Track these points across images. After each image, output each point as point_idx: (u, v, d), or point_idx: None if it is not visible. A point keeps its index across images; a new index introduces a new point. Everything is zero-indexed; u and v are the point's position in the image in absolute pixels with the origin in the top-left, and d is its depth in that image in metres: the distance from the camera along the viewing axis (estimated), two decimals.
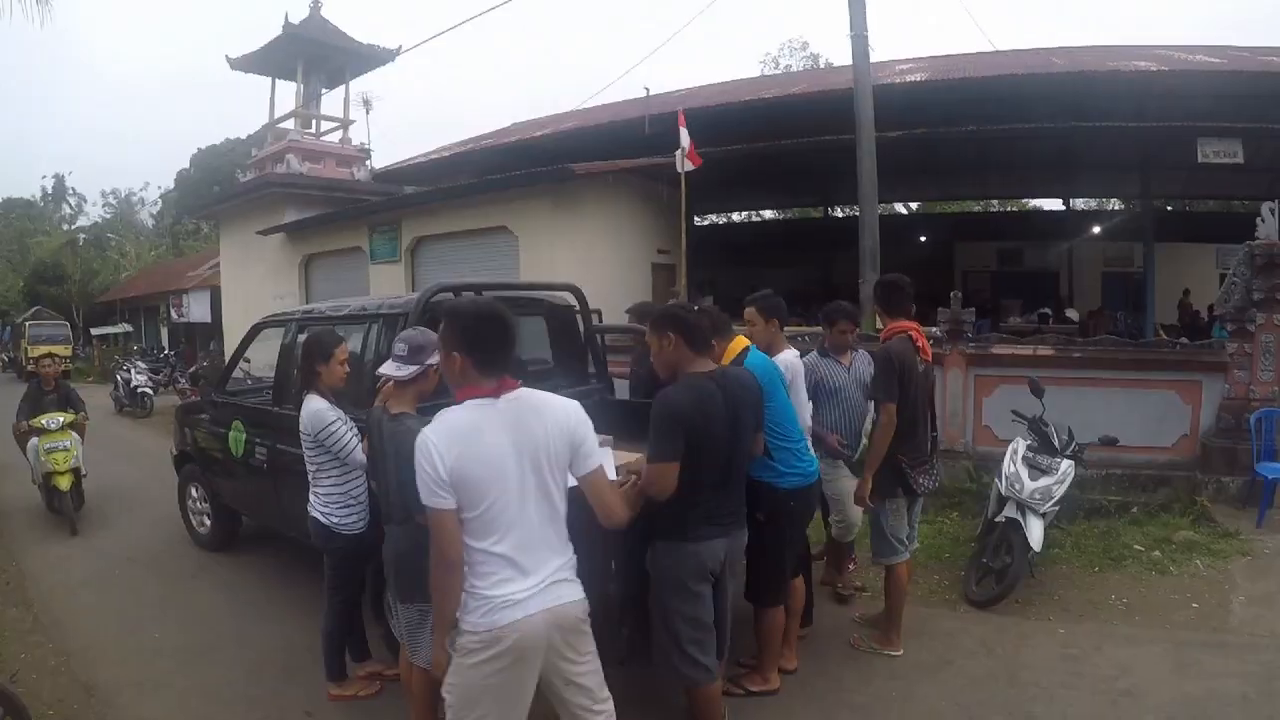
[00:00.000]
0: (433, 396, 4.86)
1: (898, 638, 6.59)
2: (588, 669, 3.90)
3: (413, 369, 4.62)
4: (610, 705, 3.98)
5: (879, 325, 6.84)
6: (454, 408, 3.71)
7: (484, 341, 3.72)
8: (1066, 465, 7.99)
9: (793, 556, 5.93)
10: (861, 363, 7.28)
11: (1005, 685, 6.05)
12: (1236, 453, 10.44)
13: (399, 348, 4.71)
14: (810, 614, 6.76)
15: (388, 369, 4.67)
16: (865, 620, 7.11)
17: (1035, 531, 7.43)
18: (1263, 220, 10.85)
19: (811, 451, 5.99)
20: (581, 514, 4.17)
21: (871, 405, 6.54)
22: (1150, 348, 12.04)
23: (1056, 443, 8.18)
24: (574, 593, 3.81)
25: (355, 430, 5.68)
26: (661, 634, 4.73)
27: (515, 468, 3.63)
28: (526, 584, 3.62)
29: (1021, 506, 7.61)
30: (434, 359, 4.53)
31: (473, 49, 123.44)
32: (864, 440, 6.52)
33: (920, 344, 6.35)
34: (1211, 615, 7.48)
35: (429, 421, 3.95)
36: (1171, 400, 11.07)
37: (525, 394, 3.81)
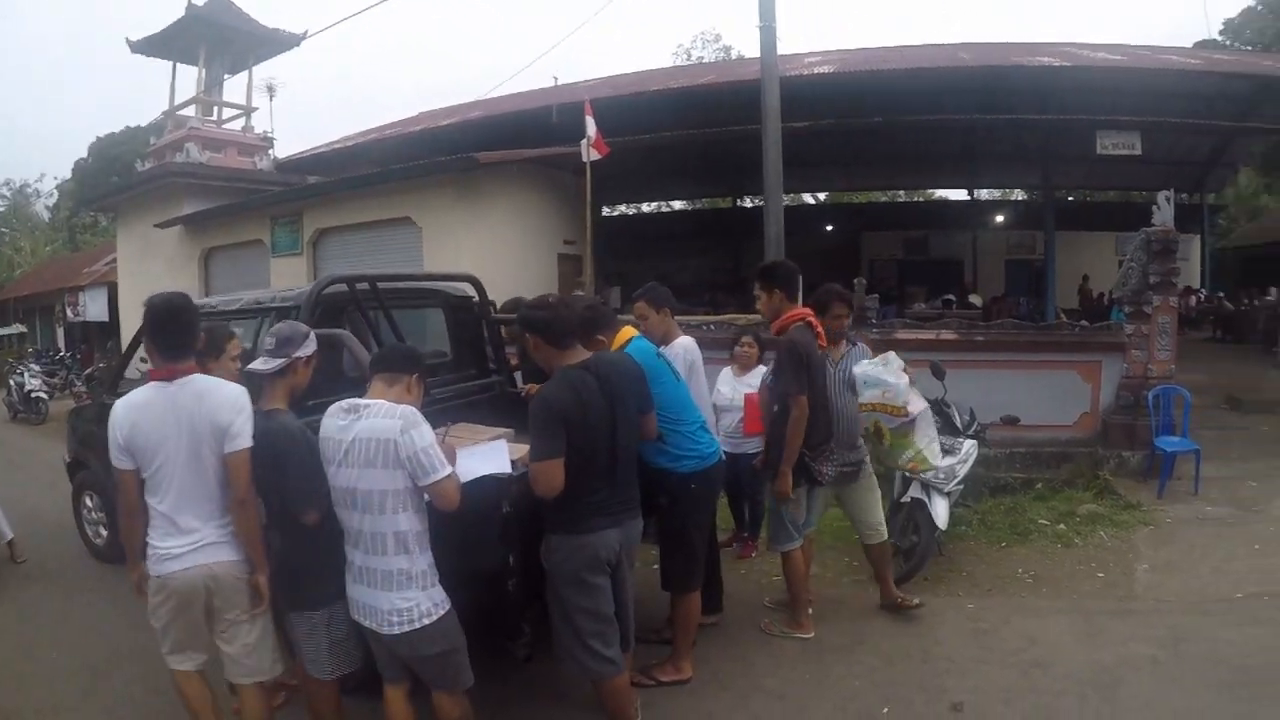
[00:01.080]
0: (326, 392, 4.85)
1: (807, 620, 6.62)
2: (244, 623, 4.46)
3: (278, 362, 4.45)
4: (257, 662, 4.55)
5: (759, 309, 6.63)
6: (141, 388, 4.38)
7: (161, 333, 4.37)
8: (969, 445, 8.16)
9: (702, 540, 5.90)
10: (857, 360, 6.73)
11: (918, 662, 6.14)
12: (1136, 428, 10.89)
13: (268, 341, 4.59)
14: (720, 601, 6.74)
15: (257, 365, 4.52)
16: (776, 605, 7.12)
17: (940, 510, 7.54)
18: (1158, 208, 11.25)
19: (711, 435, 6.03)
20: (474, 509, 4.31)
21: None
22: (1050, 330, 12.37)
23: (959, 423, 8.34)
24: (226, 554, 4.33)
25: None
26: (562, 628, 4.69)
27: (174, 441, 4.23)
28: (182, 541, 4.26)
29: (926, 486, 7.70)
30: (303, 351, 4.51)
31: (381, 35, 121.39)
32: (863, 447, 6.67)
33: (818, 330, 6.38)
34: (1117, 584, 7.72)
35: (314, 418, 4.15)
36: (1072, 380, 11.44)
37: (194, 379, 4.34)
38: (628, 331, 5.90)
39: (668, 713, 5.45)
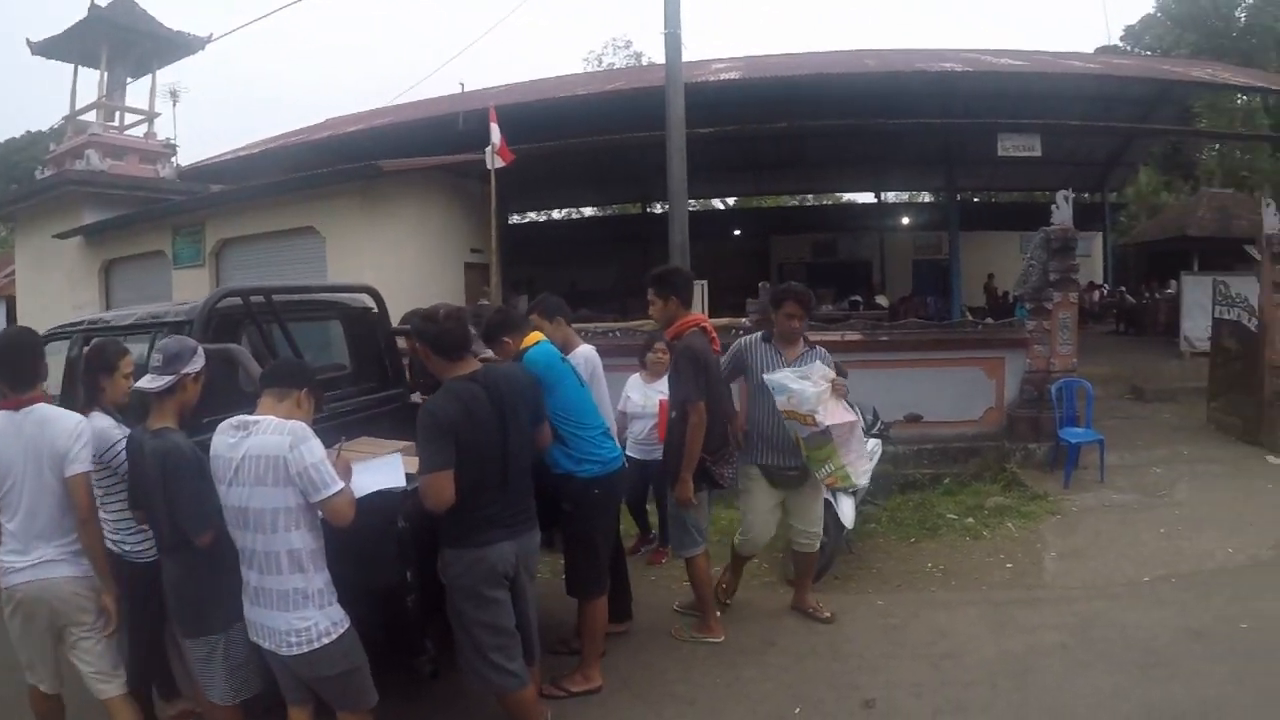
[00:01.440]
0: (222, 408, 4.61)
1: (716, 624, 6.59)
2: (88, 639, 4.55)
3: (167, 379, 4.34)
4: (109, 684, 4.60)
5: (653, 315, 6.58)
6: None
7: (6, 366, 4.50)
8: (873, 444, 8.16)
9: (606, 545, 5.87)
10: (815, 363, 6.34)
11: (829, 660, 6.13)
12: (1040, 421, 11.07)
13: (154, 358, 4.50)
14: (629, 609, 6.71)
15: (144, 383, 4.41)
16: (684, 609, 7.08)
17: (846, 509, 7.51)
18: (1058, 207, 11.46)
19: (614, 441, 6.01)
20: (369, 524, 4.23)
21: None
22: (954, 328, 12.56)
23: (862, 423, 8.40)
24: (66, 570, 4.45)
25: None
26: (464, 643, 4.62)
27: (20, 465, 4.38)
28: (25, 558, 4.40)
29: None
30: (191, 367, 4.42)
31: (288, 41, 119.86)
32: (804, 454, 6.30)
33: (712, 335, 6.42)
34: (1025, 573, 7.82)
35: (204, 437, 4.07)
36: (977, 376, 11.60)
37: (37, 409, 4.48)
38: (535, 335, 5.81)
39: None
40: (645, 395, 8.15)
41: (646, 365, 8.32)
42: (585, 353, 6.59)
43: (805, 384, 5.92)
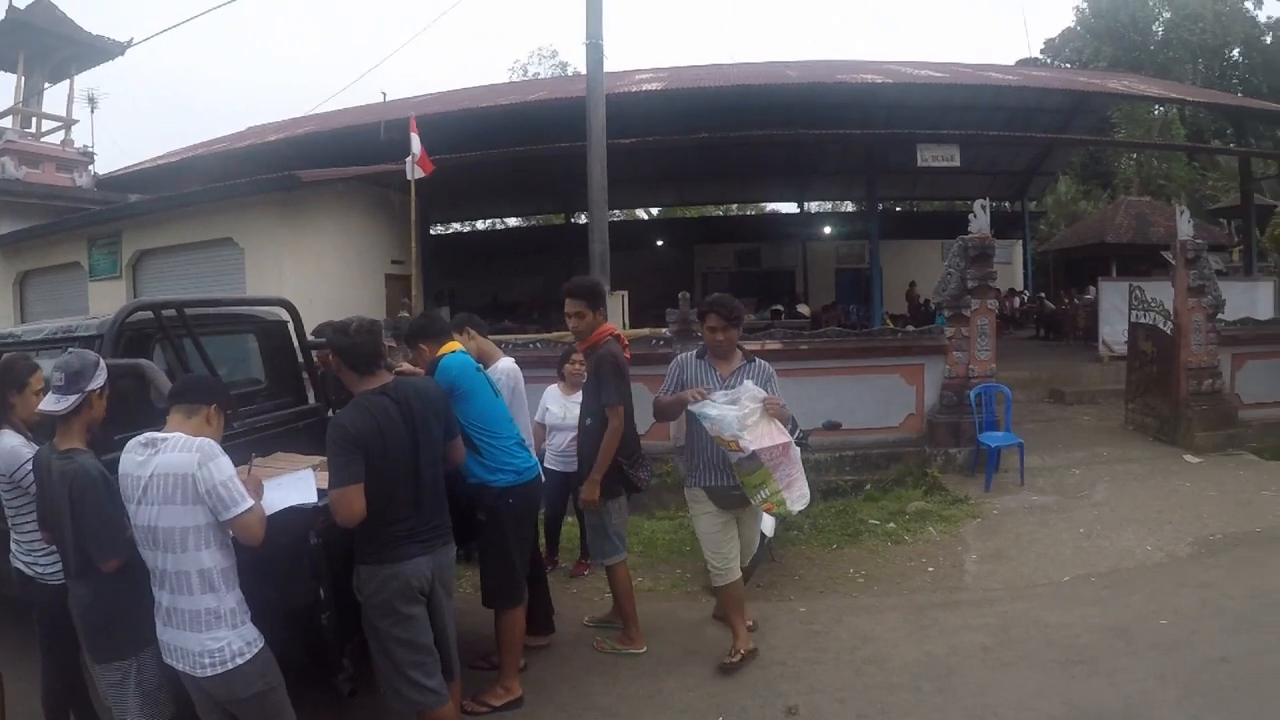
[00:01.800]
0: (135, 425, 4.47)
1: (638, 635, 6.52)
2: None
3: (72, 399, 4.18)
4: None
5: (570, 326, 6.35)
6: None
7: None
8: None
9: (522, 556, 5.82)
10: (751, 378, 5.96)
11: (752, 667, 6.07)
12: (960, 426, 11.14)
13: (56, 377, 4.27)
14: (551, 622, 6.63)
15: (47, 405, 4.22)
16: (597, 622, 7.02)
17: (767, 518, 7.47)
18: (975, 216, 11.54)
19: (529, 452, 5.96)
20: (281, 542, 4.15)
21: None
22: (873, 336, 12.60)
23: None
24: None
25: None
26: (382, 661, 4.53)
27: None
28: None
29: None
30: (95, 383, 4.26)
31: (210, 49, 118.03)
32: (739, 479, 5.94)
33: (625, 344, 6.40)
34: (947, 576, 7.84)
35: (114, 456, 3.93)
36: (896, 383, 11.66)
37: None
38: (452, 345, 5.74)
39: None
40: (564, 407, 8.03)
41: (564, 377, 8.20)
42: (506, 366, 6.51)
43: (726, 409, 5.67)
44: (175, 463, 3.79)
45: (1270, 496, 9.57)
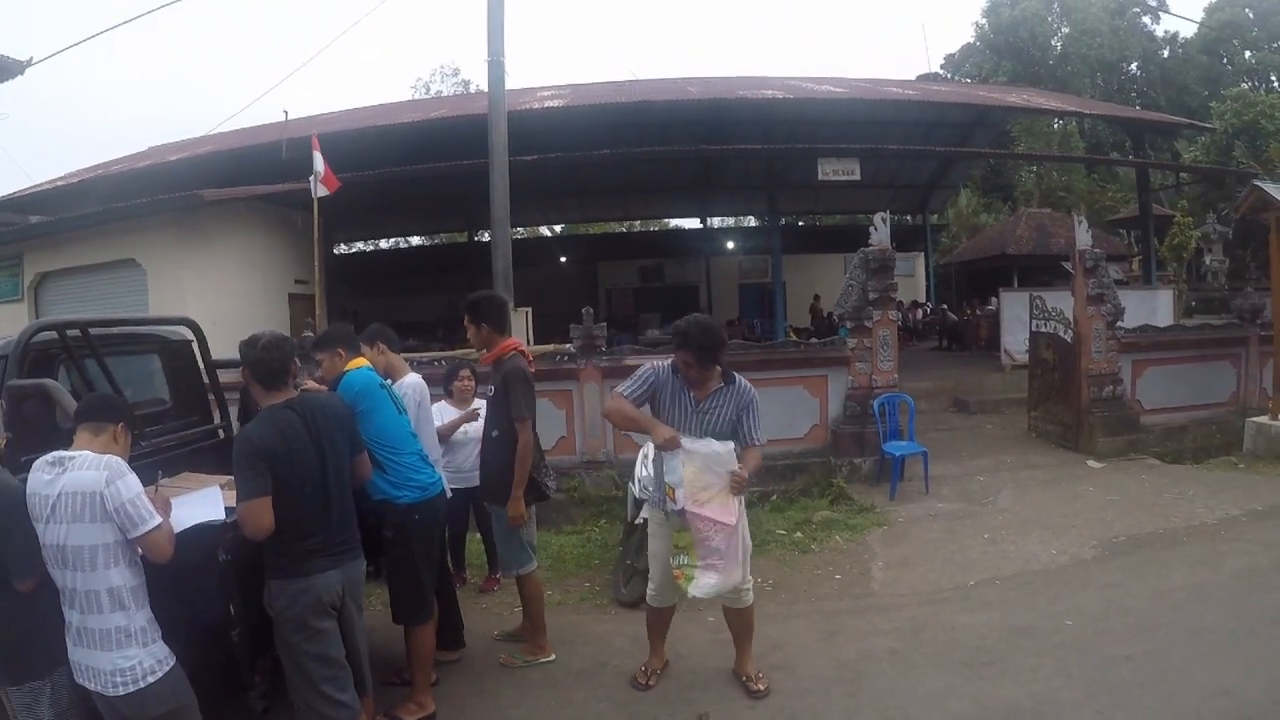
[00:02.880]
0: (42, 446, 4.26)
1: (547, 643, 6.52)
2: None
3: None
4: None
5: (471, 341, 6.41)
6: None
7: None
8: None
9: (429, 571, 5.77)
10: (728, 403, 5.61)
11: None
12: (864, 436, 11.19)
13: None
14: (461, 637, 6.61)
15: None
16: (506, 636, 6.97)
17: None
18: (875, 228, 11.63)
19: (433, 468, 5.94)
20: (190, 559, 4.06)
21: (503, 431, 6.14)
22: (776, 348, 12.58)
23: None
24: None
25: None
26: (294, 676, 4.50)
27: None
28: None
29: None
30: None
31: (113, 68, 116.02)
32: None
33: (529, 359, 6.38)
34: (854, 584, 7.86)
35: (22, 476, 3.87)
36: (800, 395, 11.69)
37: None
38: (358, 361, 5.73)
39: None
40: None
41: (453, 393, 8.11)
42: (413, 382, 6.42)
43: (681, 463, 5.29)
44: (83, 481, 3.76)
45: (1172, 499, 9.74)
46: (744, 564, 5.57)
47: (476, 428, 7.71)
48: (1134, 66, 45.64)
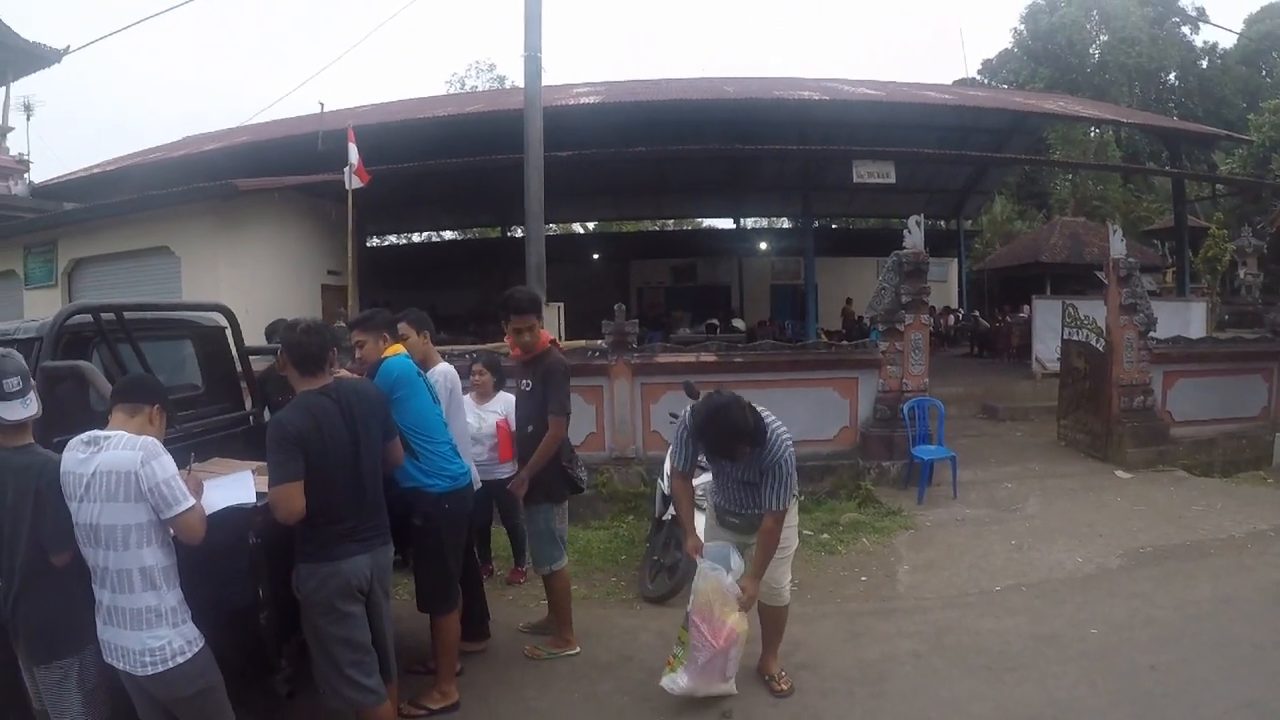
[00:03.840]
0: (74, 427, 4.27)
1: (573, 636, 6.54)
2: None
3: (34, 402, 4.08)
4: None
5: (529, 338, 6.22)
6: None
7: None
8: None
9: (456, 561, 5.79)
10: (753, 466, 5.41)
11: None
12: (894, 439, 11.18)
13: (10, 383, 4.05)
14: (486, 628, 6.63)
15: (17, 412, 4.03)
16: (532, 629, 6.97)
17: (701, 526, 7.47)
18: (909, 232, 11.60)
19: (463, 458, 5.95)
20: (220, 541, 4.09)
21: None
22: (807, 349, 12.60)
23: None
24: None
25: None
26: (320, 660, 4.52)
27: None
28: None
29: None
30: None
31: (147, 58, 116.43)
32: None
33: (563, 353, 6.48)
34: (880, 586, 7.87)
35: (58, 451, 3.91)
36: (830, 396, 11.71)
37: None
38: (396, 348, 5.72)
39: None
40: (479, 418, 7.92)
41: (472, 386, 8.08)
42: (445, 370, 6.44)
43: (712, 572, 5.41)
44: (118, 460, 3.78)
45: (1199, 512, 9.68)
46: (784, 566, 5.81)
47: (490, 421, 7.78)
48: (1172, 76, 45.26)
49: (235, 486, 4.55)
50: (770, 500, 5.35)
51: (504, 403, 7.62)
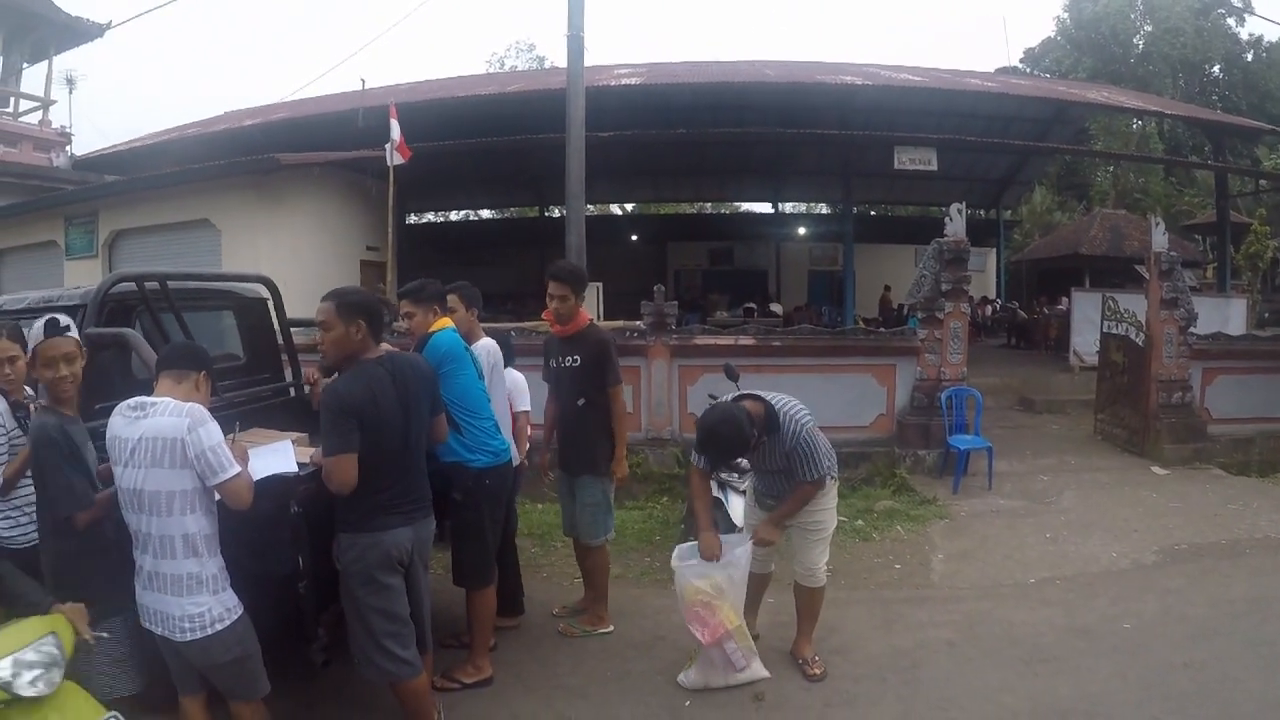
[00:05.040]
0: (117, 394, 4.37)
1: (607, 614, 6.60)
2: None
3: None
4: None
5: (565, 311, 6.29)
6: None
7: None
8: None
9: (495, 536, 5.83)
10: (773, 452, 5.57)
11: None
12: (930, 428, 11.17)
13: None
14: (521, 604, 6.69)
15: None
16: (567, 611, 6.96)
17: (736, 508, 7.35)
18: (951, 219, 11.55)
19: (504, 434, 5.99)
20: (263, 510, 4.13)
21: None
22: (845, 335, 12.64)
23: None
24: None
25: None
26: (357, 630, 4.54)
27: None
28: None
29: (722, 485, 7.54)
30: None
31: (188, 33, 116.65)
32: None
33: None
34: (914, 574, 7.89)
35: (96, 424, 4.07)
36: (868, 383, 11.69)
37: None
38: (445, 321, 5.76)
39: (472, 714, 5.33)
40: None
41: None
42: (488, 345, 6.47)
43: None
44: (164, 426, 3.81)
45: (1235, 511, 9.62)
46: (819, 548, 5.85)
47: (500, 399, 7.76)
48: (1216, 69, 44.61)
49: (277, 456, 4.58)
50: (804, 474, 5.46)
51: (511, 380, 7.62)
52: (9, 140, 22.59)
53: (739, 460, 5.90)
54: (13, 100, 24.07)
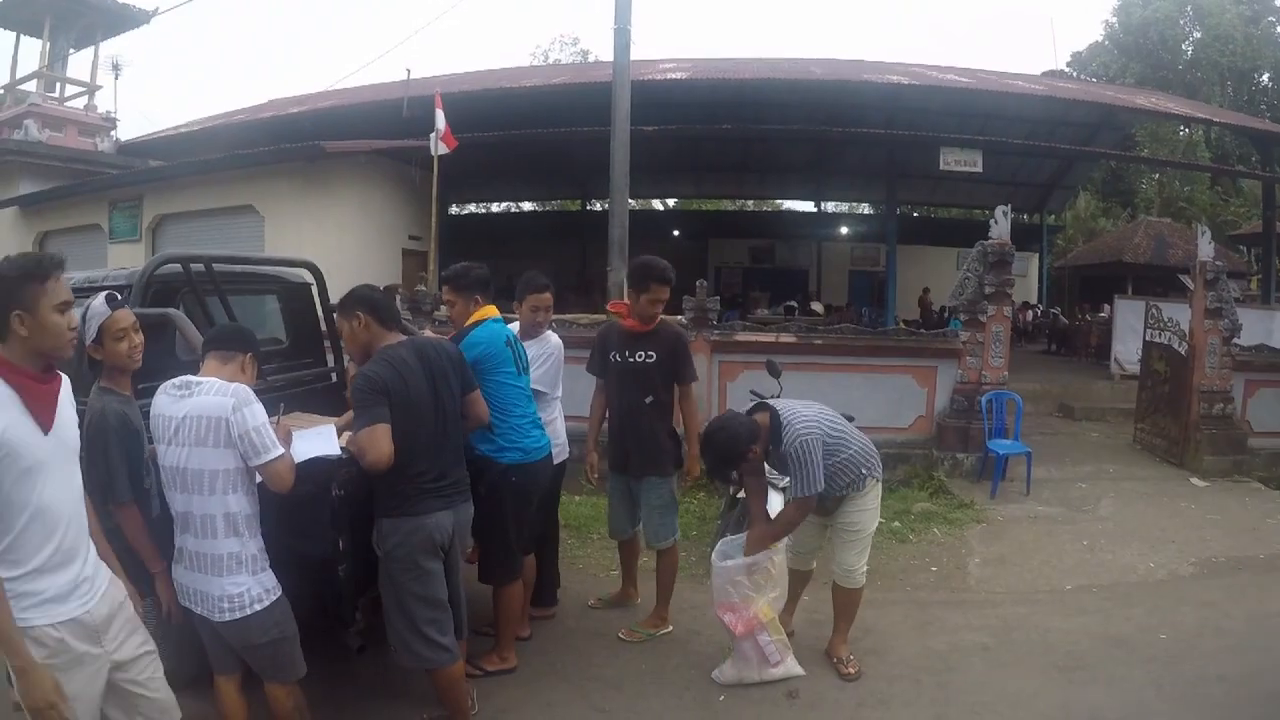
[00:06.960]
0: (160, 374, 4.40)
1: (668, 614, 6.53)
2: None
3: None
4: None
5: (646, 305, 6.22)
6: None
7: None
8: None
9: (519, 534, 5.73)
10: (779, 464, 5.72)
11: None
12: (970, 431, 11.10)
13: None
14: (555, 595, 6.70)
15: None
16: (602, 604, 6.98)
17: (775, 504, 7.29)
18: (996, 221, 11.47)
19: (542, 431, 5.87)
20: (304, 492, 4.14)
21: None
22: (887, 335, 12.50)
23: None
24: None
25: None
26: (396, 616, 4.55)
27: None
28: None
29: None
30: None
31: (233, 20, 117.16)
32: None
33: None
34: (950, 577, 7.89)
35: (146, 402, 4.06)
36: (908, 384, 11.63)
37: None
38: (489, 310, 5.67)
39: (506, 703, 5.34)
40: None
41: None
42: (557, 343, 6.50)
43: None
44: (210, 406, 3.82)
45: (1275, 525, 9.56)
46: (856, 549, 5.85)
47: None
48: (1265, 77, 44.06)
49: (320, 439, 4.60)
50: (794, 487, 5.48)
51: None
52: (55, 124, 22.85)
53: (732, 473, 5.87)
54: (59, 85, 24.39)
